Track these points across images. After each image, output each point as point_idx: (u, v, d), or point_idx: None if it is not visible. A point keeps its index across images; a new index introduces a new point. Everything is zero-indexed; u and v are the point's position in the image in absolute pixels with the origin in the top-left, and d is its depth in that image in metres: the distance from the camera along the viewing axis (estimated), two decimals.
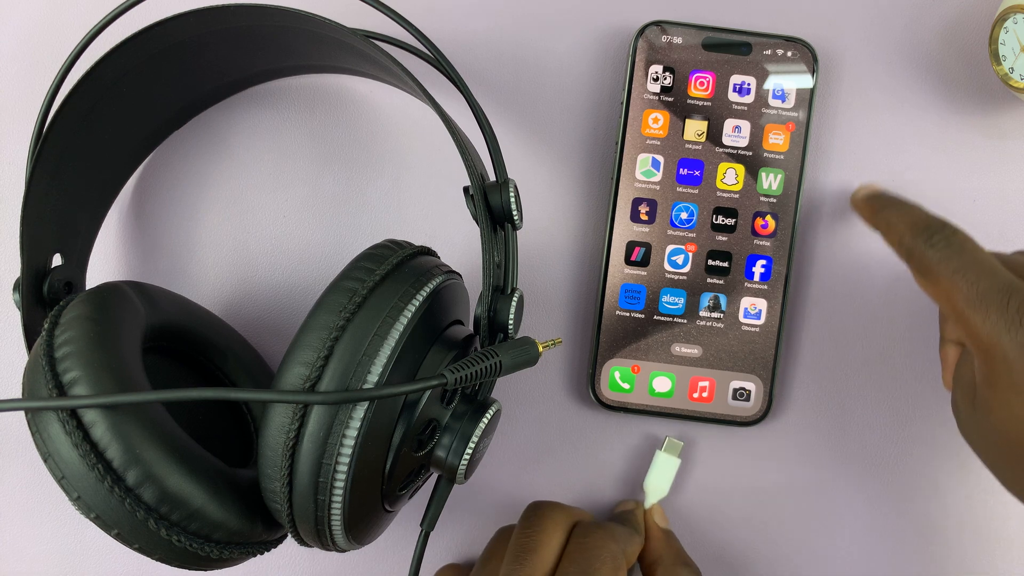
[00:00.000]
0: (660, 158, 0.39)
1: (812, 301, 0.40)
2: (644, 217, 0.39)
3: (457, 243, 0.40)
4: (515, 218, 0.31)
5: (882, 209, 0.34)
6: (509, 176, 0.34)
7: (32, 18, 0.40)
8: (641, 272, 0.39)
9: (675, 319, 0.39)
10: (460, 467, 0.31)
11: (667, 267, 0.39)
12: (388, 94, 0.40)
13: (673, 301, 0.39)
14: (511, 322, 0.30)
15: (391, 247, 0.31)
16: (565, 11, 0.40)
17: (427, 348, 0.30)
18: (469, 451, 0.31)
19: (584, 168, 0.40)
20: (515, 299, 0.31)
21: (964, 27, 0.40)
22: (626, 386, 0.39)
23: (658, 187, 0.39)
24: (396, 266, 0.30)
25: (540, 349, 0.31)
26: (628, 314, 0.39)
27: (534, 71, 0.40)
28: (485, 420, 0.31)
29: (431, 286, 0.30)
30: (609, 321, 0.39)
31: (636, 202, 0.39)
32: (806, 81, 0.38)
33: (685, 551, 0.38)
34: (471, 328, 0.35)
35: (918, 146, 0.40)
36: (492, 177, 0.33)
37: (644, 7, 0.40)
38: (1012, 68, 0.37)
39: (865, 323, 0.40)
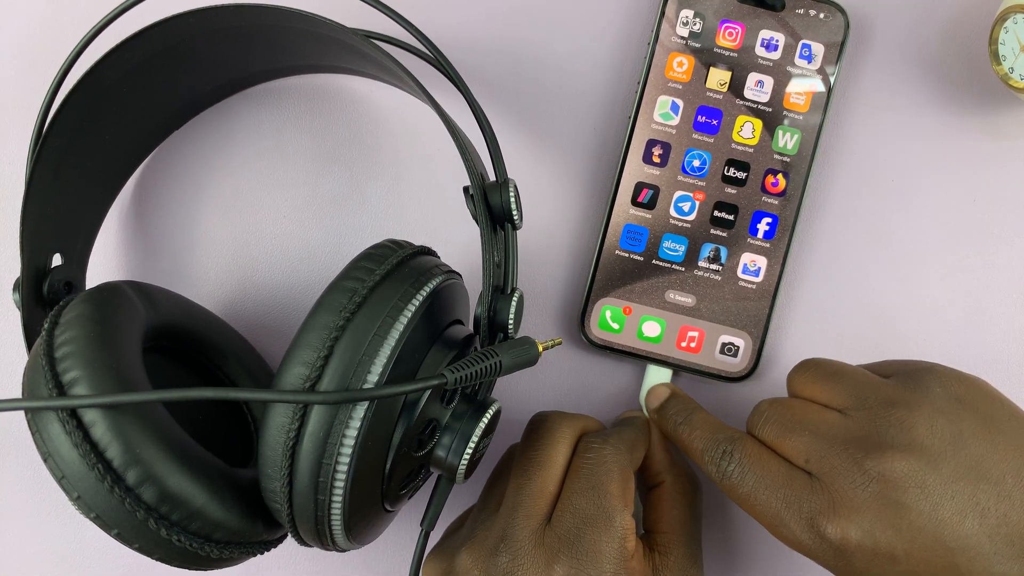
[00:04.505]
0: (680, 102, 0.38)
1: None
2: (656, 160, 0.39)
3: (457, 243, 0.40)
4: (515, 218, 0.31)
5: (675, 427, 0.35)
6: (509, 176, 0.34)
7: (32, 18, 0.40)
8: (646, 214, 0.39)
9: (673, 266, 0.39)
10: (460, 467, 0.31)
11: (672, 212, 0.39)
12: (388, 94, 0.40)
13: (674, 247, 0.39)
14: (511, 322, 0.30)
15: (391, 247, 0.31)
16: (565, 12, 0.40)
17: (427, 348, 0.30)
18: (469, 451, 0.31)
19: (584, 168, 0.40)
20: (515, 299, 0.31)
21: (964, 27, 0.40)
22: (615, 326, 0.39)
23: (674, 131, 0.38)
24: (396, 266, 0.30)
25: (540, 349, 0.31)
26: (627, 255, 0.39)
27: (534, 71, 0.40)
28: (485, 420, 0.31)
29: (431, 286, 0.30)
30: (608, 259, 0.39)
31: (651, 143, 0.39)
32: (835, 44, 0.38)
33: (688, 465, 0.38)
34: (471, 328, 0.35)
35: (918, 146, 0.40)
36: (492, 177, 0.33)
37: None
38: (1012, 68, 0.37)
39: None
